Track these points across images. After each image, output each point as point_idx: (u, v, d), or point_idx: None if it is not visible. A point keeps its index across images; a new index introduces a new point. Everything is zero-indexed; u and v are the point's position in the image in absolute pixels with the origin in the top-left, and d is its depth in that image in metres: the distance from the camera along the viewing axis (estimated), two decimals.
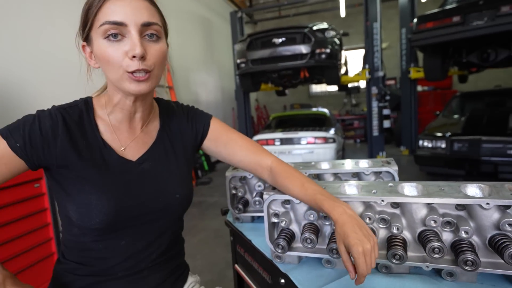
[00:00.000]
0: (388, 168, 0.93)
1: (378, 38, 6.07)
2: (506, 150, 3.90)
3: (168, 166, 0.76)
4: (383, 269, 0.71)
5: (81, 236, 0.69)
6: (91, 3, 0.61)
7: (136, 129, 0.74)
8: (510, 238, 0.61)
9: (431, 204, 0.67)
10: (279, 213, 0.80)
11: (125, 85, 0.63)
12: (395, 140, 7.87)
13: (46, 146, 0.63)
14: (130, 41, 0.61)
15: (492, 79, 8.63)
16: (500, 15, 3.78)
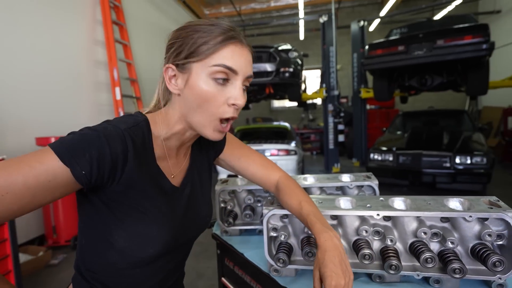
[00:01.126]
0: (370, 182, 0.97)
1: (334, 61, 6.41)
2: (442, 163, 4.28)
3: (200, 189, 0.73)
4: (376, 278, 0.73)
5: (121, 263, 0.61)
6: (206, 40, 0.57)
7: (181, 156, 0.70)
8: (490, 247, 0.65)
9: (420, 217, 0.70)
10: (278, 227, 0.78)
11: (207, 131, 0.60)
12: (347, 153, 8.27)
13: (113, 172, 0.54)
14: (233, 89, 0.59)
15: (426, 100, 9.52)
16: (436, 47, 4.21)
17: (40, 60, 3.51)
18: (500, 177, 5.48)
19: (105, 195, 0.57)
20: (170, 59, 0.60)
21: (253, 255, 0.91)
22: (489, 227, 0.66)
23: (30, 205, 0.49)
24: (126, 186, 0.57)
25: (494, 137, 7.72)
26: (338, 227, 0.75)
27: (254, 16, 10.74)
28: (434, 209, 0.68)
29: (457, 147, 4.35)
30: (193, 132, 0.65)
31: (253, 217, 1.03)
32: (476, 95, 5.65)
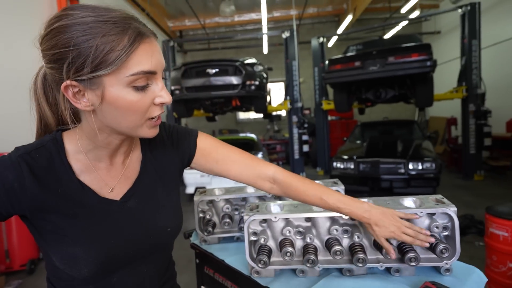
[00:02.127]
0: (337, 187, 1.07)
1: (296, 74, 6.70)
2: (397, 170, 4.64)
3: (156, 199, 0.68)
4: (347, 272, 0.81)
5: (70, 281, 0.62)
6: (112, 46, 0.49)
7: (118, 164, 0.65)
8: (438, 238, 0.77)
9: None
10: (258, 232, 0.84)
11: (143, 131, 0.58)
12: (311, 162, 8.57)
13: (14, 199, 0.54)
14: (157, 88, 0.55)
15: (381, 112, 10.23)
16: (388, 63, 4.61)
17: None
18: (447, 180, 6.04)
19: (31, 221, 0.58)
20: (67, 75, 0.51)
21: (233, 260, 0.95)
22: (436, 220, 0.78)
23: None
24: (38, 211, 0.56)
25: (440, 144, 8.50)
26: (312, 228, 0.83)
27: (219, 30, 10.89)
28: (392, 207, 0.79)
29: (410, 154, 4.75)
30: (121, 137, 0.60)
31: (231, 225, 1.08)
32: (423, 107, 6.22)
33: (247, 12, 9.78)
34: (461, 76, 5.93)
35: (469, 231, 3.29)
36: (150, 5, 7.98)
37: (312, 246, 0.81)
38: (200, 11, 9.35)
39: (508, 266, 1.98)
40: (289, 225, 0.83)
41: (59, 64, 0.51)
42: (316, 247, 0.82)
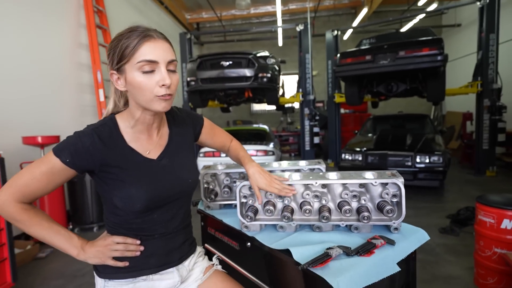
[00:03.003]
0: (319, 166, 1.28)
1: (309, 67, 6.82)
2: (404, 162, 4.74)
3: (180, 159, 0.95)
4: (316, 229, 1.03)
5: (125, 216, 0.89)
6: (127, 44, 0.77)
7: (153, 136, 0.92)
8: (388, 202, 0.97)
9: (346, 184, 1.01)
10: (247, 195, 1.07)
11: (155, 105, 0.80)
12: (323, 154, 8.70)
13: (90, 157, 0.81)
14: (159, 74, 0.78)
15: (396, 105, 10.16)
16: (399, 58, 4.68)
17: (25, 62, 3.64)
18: (458, 175, 6.06)
19: (99, 175, 0.85)
20: (111, 66, 0.81)
21: (229, 221, 1.18)
22: (388, 189, 0.98)
23: (48, 183, 0.81)
24: (105, 165, 0.83)
25: (456, 140, 8.41)
26: None
27: (235, 22, 11.06)
28: (354, 178, 1.00)
29: (418, 147, 4.83)
30: (150, 113, 0.85)
31: (230, 194, 1.31)
32: (435, 101, 6.21)
33: (263, 5, 9.89)
34: (476, 70, 5.88)
35: (469, 222, 3.40)
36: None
37: (290, 207, 1.03)
38: (217, 4, 9.54)
39: (494, 250, 2.13)
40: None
41: (109, 61, 0.82)
42: (293, 208, 1.04)
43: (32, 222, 0.81)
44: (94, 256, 0.87)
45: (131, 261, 0.89)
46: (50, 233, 0.83)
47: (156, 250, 0.92)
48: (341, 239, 0.96)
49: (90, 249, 0.87)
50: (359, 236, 0.97)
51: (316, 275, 0.76)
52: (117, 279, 0.90)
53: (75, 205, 3.68)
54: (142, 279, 0.91)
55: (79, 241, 0.86)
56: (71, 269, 2.78)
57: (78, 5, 4.71)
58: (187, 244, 1.02)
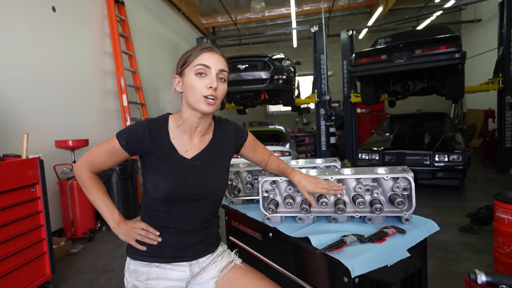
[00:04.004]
0: (335, 163, 1.37)
1: (324, 68, 6.86)
2: (423, 161, 4.70)
3: (211, 165, 1.04)
4: (332, 220, 1.12)
5: (152, 201, 1.03)
6: (191, 52, 0.95)
7: (194, 138, 1.04)
8: (399, 195, 1.05)
9: (359, 178, 1.10)
10: (268, 190, 1.18)
11: (200, 105, 0.93)
12: (339, 154, 8.69)
13: (139, 144, 0.98)
14: (209, 77, 0.93)
15: (415, 104, 9.99)
16: (415, 56, 4.66)
17: (56, 70, 3.90)
18: (480, 174, 5.92)
19: (142, 159, 1.02)
20: (175, 72, 1.00)
21: (252, 214, 1.30)
22: (399, 183, 1.06)
23: (109, 159, 1.01)
24: (147, 153, 0.99)
25: (477, 138, 8.19)
26: None
27: (250, 25, 11.22)
28: (367, 173, 1.08)
29: (436, 146, 4.79)
30: (196, 114, 0.97)
31: (252, 190, 1.42)
32: (453, 99, 6.11)
33: (277, 7, 9.99)
34: (497, 67, 5.74)
35: (490, 221, 3.36)
36: (186, 4, 8.50)
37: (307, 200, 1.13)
38: (232, 8, 9.72)
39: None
40: (291, 185, 1.15)
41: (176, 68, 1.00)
42: None
43: (93, 189, 1.02)
44: (123, 233, 1.02)
45: (149, 248, 1.02)
46: (101, 202, 1.03)
47: (170, 243, 1.02)
48: (355, 228, 1.05)
49: (123, 227, 1.02)
50: (372, 226, 1.06)
51: (332, 258, 0.86)
52: (137, 260, 1.03)
53: None
54: (156, 266, 1.02)
55: (118, 217, 1.03)
56: (101, 263, 2.97)
57: (103, 15, 4.98)
58: (204, 244, 1.07)
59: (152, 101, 6.32)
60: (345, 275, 0.83)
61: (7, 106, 3.16)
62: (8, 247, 2.10)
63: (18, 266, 2.16)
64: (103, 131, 4.79)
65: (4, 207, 2.09)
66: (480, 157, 7.35)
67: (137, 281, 1.01)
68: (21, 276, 2.18)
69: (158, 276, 1.02)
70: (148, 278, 1.01)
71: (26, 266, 2.22)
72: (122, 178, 3.89)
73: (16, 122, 3.25)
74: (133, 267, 1.03)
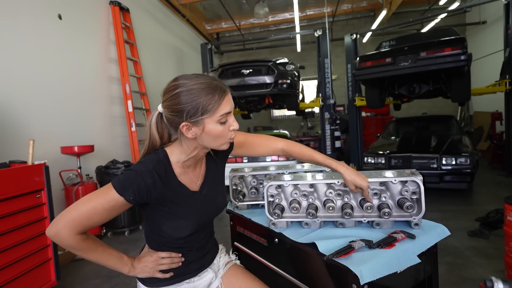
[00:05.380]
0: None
1: (328, 72, 6.84)
2: (430, 165, 4.64)
3: (216, 186, 1.08)
4: (339, 225, 1.10)
5: (170, 241, 1.02)
6: (209, 102, 0.86)
7: (197, 169, 1.04)
8: (407, 199, 1.02)
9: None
10: (274, 194, 1.16)
11: (224, 146, 0.95)
12: (345, 158, 8.63)
13: (149, 195, 0.90)
14: (231, 121, 0.92)
15: (420, 107, 9.92)
16: (420, 59, 4.62)
17: (62, 77, 3.94)
18: (488, 177, 5.82)
19: (152, 207, 0.95)
20: (185, 118, 0.87)
21: (257, 219, 1.27)
22: (407, 186, 1.03)
23: (108, 217, 0.88)
24: (161, 201, 0.93)
25: (485, 140, 8.08)
26: (314, 192, 1.13)
27: (253, 31, 11.28)
28: (375, 177, 1.06)
29: (443, 149, 4.72)
30: (206, 150, 0.98)
31: (257, 195, 1.40)
32: (460, 101, 6.04)
33: (281, 12, 10.03)
34: (504, 68, 5.67)
35: (500, 225, 3.29)
36: (190, 11, 8.57)
37: (314, 205, 1.11)
38: (236, 14, 9.79)
39: None
40: (297, 189, 1.13)
41: (180, 113, 0.87)
42: (317, 206, 1.11)
43: (89, 249, 0.90)
44: (143, 271, 0.99)
45: (175, 270, 1.03)
46: (105, 257, 0.93)
47: (194, 258, 1.08)
48: (363, 234, 1.02)
49: (139, 265, 0.99)
50: (380, 231, 1.03)
51: (340, 265, 0.83)
52: (164, 286, 1.03)
53: None
54: (186, 282, 1.06)
55: (129, 259, 0.98)
56: (106, 270, 2.96)
57: (108, 22, 5.04)
58: (214, 246, 1.18)
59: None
60: (354, 282, 0.80)
61: (13, 113, 3.20)
62: (13, 253, 2.10)
63: (24, 273, 2.15)
64: (108, 137, 4.81)
65: (10, 213, 2.10)
66: (488, 160, 7.24)
67: None
68: (26, 282, 2.18)
69: None
70: None
71: (31, 273, 2.22)
72: None
73: (22, 129, 3.28)
74: None
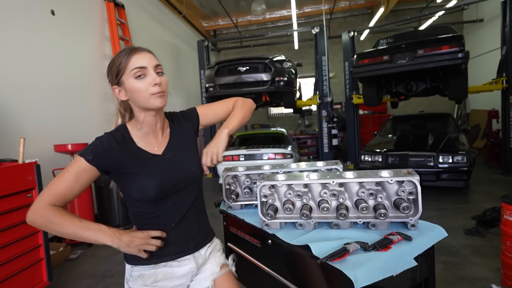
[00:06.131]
0: (336, 166, 1.32)
1: (326, 69, 6.82)
2: (427, 163, 4.63)
3: (182, 152, 1.10)
4: (334, 226, 1.07)
5: (142, 207, 1.02)
6: (120, 60, 0.95)
7: (158, 136, 1.08)
8: (404, 199, 1.00)
9: (362, 182, 1.04)
10: (267, 194, 1.12)
11: (152, 102, 0.96)
12: (342, 156, 8.62)
13: (108, 156, 0.96)
14: (150, 76, 0.95)
15: (417, 105, 9.91)
16: (417, 56, 4.60)
17: (55, 74, 3.88)
18: (485, 175, 5.84)
19: (116, 174, 0.99)
20: (112, 82, 0.99)
21: (251, 220, 1.24)
22: (404, 186, 1.00)
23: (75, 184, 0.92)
24: (120, 162, 0.97)
25: (481, 138, 8.10)
26: (308, 192, 1.10)
27: (251, 28, 11.21)
28: (370, 176, 1.03)
29: (440, 147, 4.71)
30: (151, 113, 1.00)
31: (251, 195, 1.37)
32: (457, 99, 6.04)
33: (278, 10, 9.98)
34: (501, 66, 5.68)
35: (496, 223, 3.28)
36: (186, 7, 8.49)
37: (308, 205, 1.08)
38: (233, 11, 9.72)
39: None
40: (291, 189, 1.10)
41: (109, 80, 1.00)
42: (311, 206, 1.08)
43: (64, 221, 0.88)
44: (128, 246, 0.94)
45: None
46: (82, 229, 0.90)
47: (173, 240, 1.04)
48: (358, 235, 0.99)
49: (125, 238, 0.94)
50: (376, 233, 1.00)
51: (334, 268, 0.80)
52: (141, 265, 1.02)
53: (102, 208, 3.87)
54: (162, 265, 1.04)
55: (110, 230, 0.93)
56: (100, 269, 2.92)
57: (102, 19, 4.97)
58: (202, 234, 1.14)
59: None
60: (348, 287, 0.77)
61: (5, 110, 3.14)
62: (4, 254, 2.06)
63: (15, 273, 2.11)
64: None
65: (0, 212, 2.05)
66: (484, 158, 7.26)
67: (144, 286, 1.02)
68: (18, 283, 2.14)
69: (165, 276, 1.04)
70: (156, 280, 1.02)
71: (23, 273, 2.18)
72: None
73: (14, 127, 3.22)
74: (137, 273, 1.03)
